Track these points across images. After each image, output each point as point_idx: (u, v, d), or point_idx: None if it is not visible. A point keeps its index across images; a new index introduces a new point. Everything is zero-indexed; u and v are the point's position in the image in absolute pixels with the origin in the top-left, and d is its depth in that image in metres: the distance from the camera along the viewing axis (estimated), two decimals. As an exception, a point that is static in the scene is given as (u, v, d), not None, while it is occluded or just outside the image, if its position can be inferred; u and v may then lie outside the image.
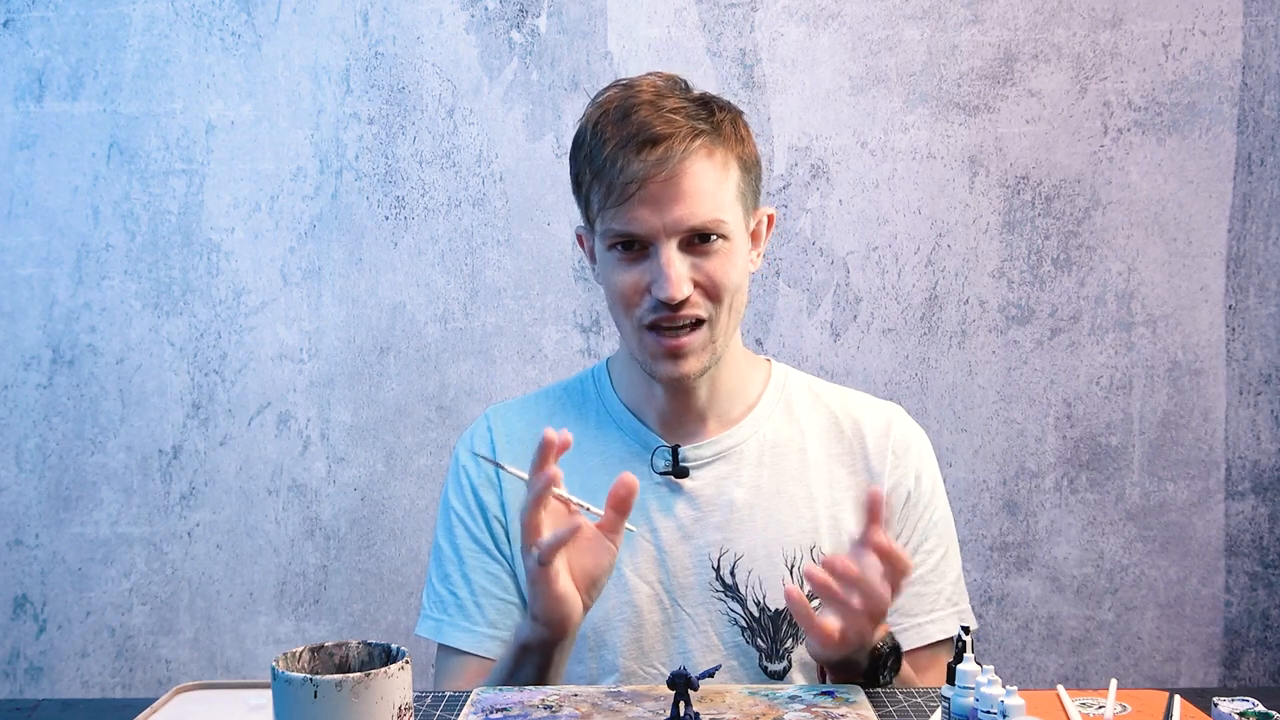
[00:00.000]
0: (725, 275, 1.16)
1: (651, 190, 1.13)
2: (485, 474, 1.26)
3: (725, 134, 1.17)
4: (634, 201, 1.13)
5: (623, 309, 1.18)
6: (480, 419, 1.31)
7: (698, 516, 1.22)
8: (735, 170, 1.18)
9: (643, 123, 1.14)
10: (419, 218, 2.09)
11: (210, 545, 2.12)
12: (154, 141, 2.10)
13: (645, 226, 1.14)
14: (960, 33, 2.03)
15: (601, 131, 1.16)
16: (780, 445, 1.25)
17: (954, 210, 2.05)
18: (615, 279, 1.17)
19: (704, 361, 1.18)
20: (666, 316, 1.15)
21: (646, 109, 1.15)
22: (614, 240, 1.16)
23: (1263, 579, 2.06)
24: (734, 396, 1.25)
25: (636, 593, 1.21)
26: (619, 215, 1.14)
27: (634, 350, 1.20)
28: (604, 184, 1.15)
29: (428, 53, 2.08)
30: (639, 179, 1.13)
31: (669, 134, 1.13)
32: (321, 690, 0.83)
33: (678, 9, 2.05)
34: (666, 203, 1.13)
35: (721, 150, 1.17)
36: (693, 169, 1.14)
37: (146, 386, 2.12)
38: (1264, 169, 2.03)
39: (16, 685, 2.14)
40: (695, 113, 1.16)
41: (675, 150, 1.13)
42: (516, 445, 1.27)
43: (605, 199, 1.15)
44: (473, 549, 1.25)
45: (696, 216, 1.14)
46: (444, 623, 1.24)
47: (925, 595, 1.23)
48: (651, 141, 1.13)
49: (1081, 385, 2.05)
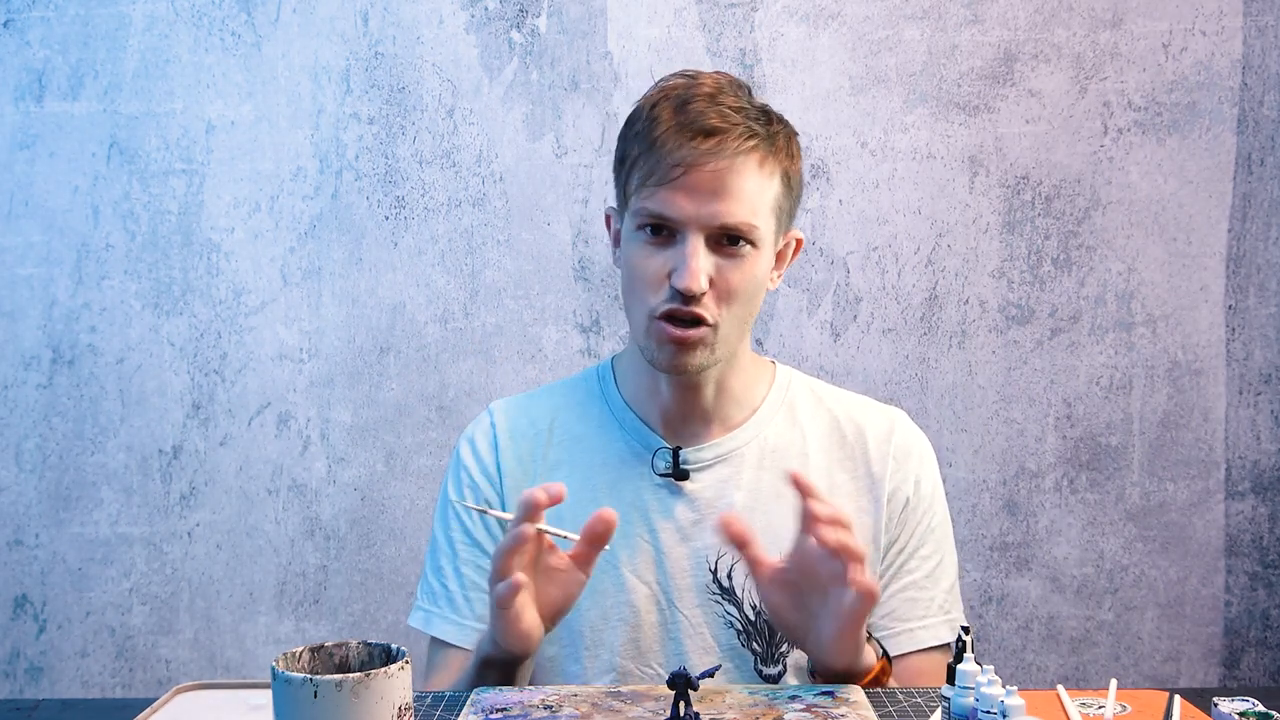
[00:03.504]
0: (743, 283, 1.16)
1: (694, 178, 1.13)
2: (484, 468, 1.26)
3: (778, 146, 1.18)
4: (674, 185, 1.13)
5: (639, 293, 1.18)
6: (483, 414, 1.31)
7: (696, 519, 1.22)
8: (778, 183, 1.18)
9: (700, 112, 1.14)
10: (419, 218, 2.09)
11: (210, 545, 2.12)
12: (154, 141, 2.10)
13: (680, 213, 1.14)
14: (960, 33, 2.03)
15: (658, 114, 1.16)
16: (781, 449, 1.24)
17: (954, 210, 2.05)
18: (638, 261, 1.17)
19: (702, 359, 1.18)
20: (678, 309, 1.15)
21: (705, 101, 1.15)
22: (645, 221, 1.16)
23: (1263, 579, 2.06)
24: (739, 400, 1.25)
25: (634, 593, 1.21)
26: (656, 196, 1.14)
27: (639, 335, 1.20)
28: (649, 162, 1.15)
29: (428, 53, 2.08)
30: (685, 164, 1.13)
31: (725, 129, 1.13)
32: (321, 690, 0.83)
33: (678, 9, 2.05)
34: (706, 194, 1.13)
35: (771, 160, 1.17)
36: (740, 168, 1.14)
37: (146, 386, 2.12)
38: (1264, 169, 2.03)
39: (16, 685, 2.14)
40: (755, 115, 1.16)
41: (728, 145, 1.13)
42: (519, 441, 1.27)
43: (647, 178, 1.15)
44: (466, 543, 1.25)
45: (733, 215, 1.14)
46: (433, 614, 1.25)
47: (919, 601, 1.23)
48: (706, 132, 1.13)
49: (1081, 385, 2.05)
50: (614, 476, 1.23)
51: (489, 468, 1.27)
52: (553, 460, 1.25)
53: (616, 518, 1.05)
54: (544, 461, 1.26)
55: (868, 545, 1.21)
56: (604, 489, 1.23)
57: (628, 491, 1.23)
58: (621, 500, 1.22)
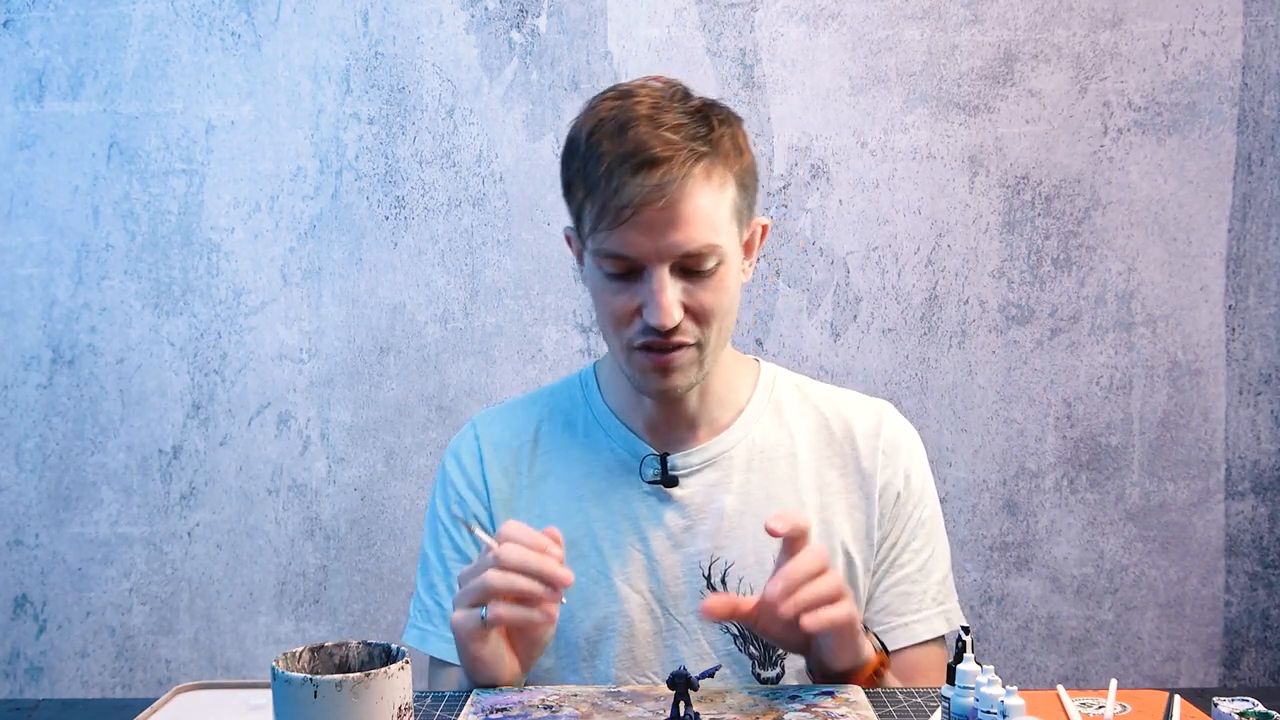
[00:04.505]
0: (716, 302, 1.14)
1: (647, 215, 1.09)
2: (470, 482, 1.26)
3: (724, 151, 1.14)
4: (628, 226, 1.10)
5: (612, 329, 1.16)
6: (467, 427, 1.30)
7: (688, 525, 1.21)
8: (732, 188, 1.15)
9: (640, 142, 1.09)
10: (419, 218, 2.09)
11: (210, 545, 2.12)
12: (154, 141, 2.10)
13: (639, 250, 1.11)
14: (960, 33, 2.03)
15: (597, 144, 1.12)
16: (769, 450, 1.24)
17: (954, 210, 2.05)
18: (606, 298, 1.15)
19: (691, 378, 1.17)
20: (656, 341, 1.13)
21: (644, 125, 1.10)
22: (604, 261, 1.13)
23: (1263, 579, 2.06)
24: (724, 403, 1.24)
25: (628, 602, 1.20)
26: (611, 237, 1.11)
27: (622, 365, 1.18)
28: (597, 203, 1.11)
29: (428, 53, 2.08)
30: (634, 204, 1.09)
31: (668, 157, 1.09)
32: (321, 690, 0.83)
33: (678, 9, 2.05)
34: (662, 228, 1.10)
35: (720, 169, 1.13)
36: (691, 191, 1.10)
37: (146, 386, 2.12)
38: (1264, 169, 2.03)
39: (16, 685, 2.14)
40: (694, 131, 1.12)
41: (674, 175, 1.09)
42: (504, 453, 1.26)
43: (598, 220, 1.11)
44: (457, 559, 1.24)
45: (693, 242, 1.10)
46: (428, 632, 1.24)
47: (912, 595, 1.23)
48: (649, 163, 1.09)
49: (1081, 385, 2.05)
50: (602, 486, 1.23)
51: (475, 481, 1.26)
52: (539, 471, 1.25)
53: (573, 580, 1.03)
54: (530, 473, 1.25)
55: (860, 541, 1.21)
56: (592, 499, 1.22)
57: (616, 500, 1.22)
58: (610, 509, 1.21)
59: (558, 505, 1.22)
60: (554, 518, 1.21)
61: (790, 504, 1.21)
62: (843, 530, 1.21)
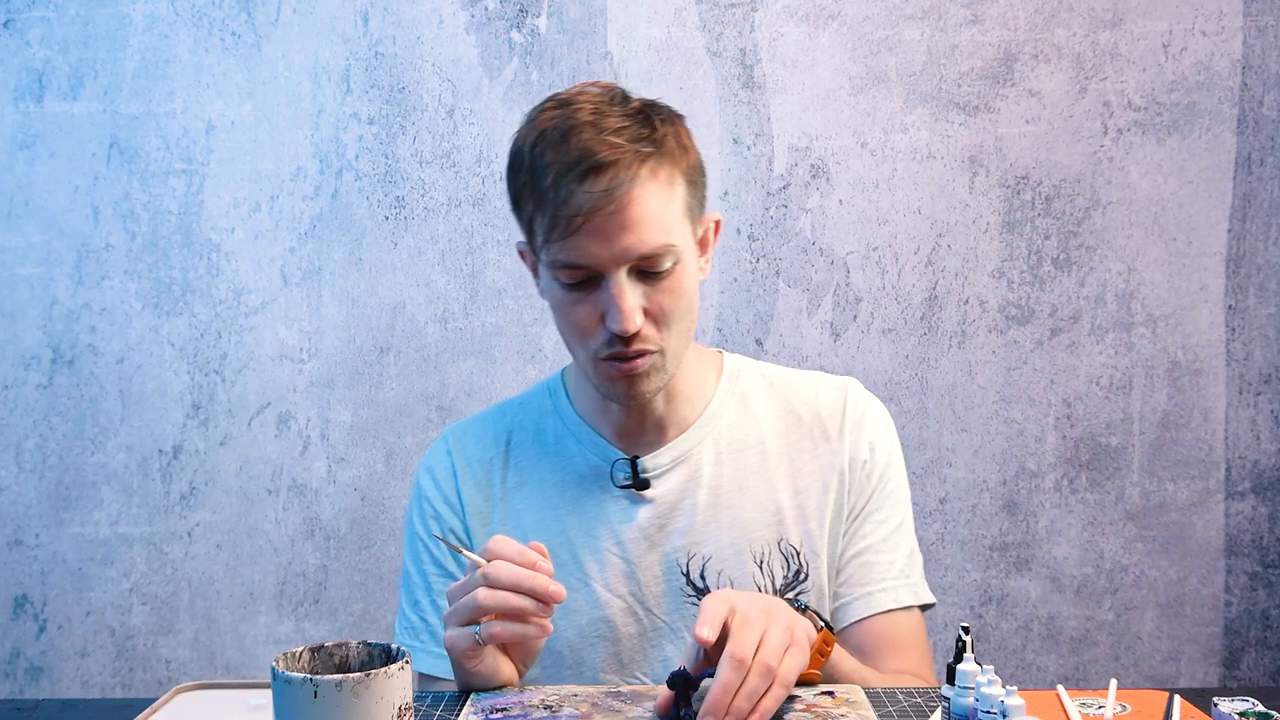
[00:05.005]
0: (676, 301, 1.13)
1: (599, 221, 1.09)
2: (446, 497, 1.26)
3: (669, 149, 1.13)
4: (581, 234, 1.09)
5: (576, 340, 1.15)
6: (439, 442, 1.30)
7: (662, 524, 1.21)
8: (681, 186, 1.14)
9: (585, 148, 1.08)
10: (419, 218, 2.09)
11: (210, 545, 2.12)
12: (154, 141, 2.10)
13: (593, 258, 1.10)
14: (960, 33, 2.03)
15: (541, 155, 1.11)
16: (737, 441, 1.24)
17: (954, 210, 2.05)
18: (566, 309, 1.15)
19: (657, 383, 1.17)
20: (619, 351, 1.13)
21: (588, 131, 1.10)
22: (560, 272, 1.13)
23: (1263, 579, 2.06)
24: (690, 400, 1.24)
25: (609, 607, 1.20)
26: (565, 248, 1.10)
27: (589, 375, 1.18)
28: (548, 214, 1.10)
29: (428, 53, 2.08)
30: (585, 211, 1.08)
31: (613, 160, 1.08)
32: (321, 690, 0.83)
33: (678, 9, 2.05)
34: (614, 232, 1.09)
35: (667, 168, 1.12)
36: (639, 194, 1.09)
37: (146, 386, 2.12)
38: (1264, 169, 2.03)
39: (16, 685, 2.14)
40: (638, 133, 1.11)
41: (622, 178, 1.08)
42: (476, 466, 1.26)
43: (550, 231, 1.11)
44: (439, 574, 1.24)
45: (646, 244, 1.10)
46: (416, 649, 1.24)
47: (875, 565, 1.22)
48: (596, 169, 1.08)
49: (1081, 385, 2.05)
50: (575, 493, 1.23)
51: (450, 496, 1.26)
52: (512, 482, 1.25)
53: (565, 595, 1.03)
54: (503, 485, 1.25)
55: (838, 523, 1.21)
56: (566, 506, 1.22)
57: (590, 506, 1.22)
58: (585, 516, 1.21)
59: (532, 515, 1.23)
60: (529, 528, 1.22)
61: (763, 493, 1.22)
62: (820, 514, 1.21)
